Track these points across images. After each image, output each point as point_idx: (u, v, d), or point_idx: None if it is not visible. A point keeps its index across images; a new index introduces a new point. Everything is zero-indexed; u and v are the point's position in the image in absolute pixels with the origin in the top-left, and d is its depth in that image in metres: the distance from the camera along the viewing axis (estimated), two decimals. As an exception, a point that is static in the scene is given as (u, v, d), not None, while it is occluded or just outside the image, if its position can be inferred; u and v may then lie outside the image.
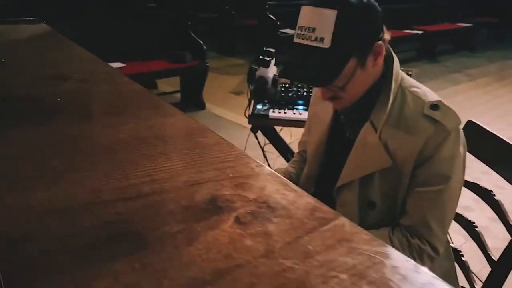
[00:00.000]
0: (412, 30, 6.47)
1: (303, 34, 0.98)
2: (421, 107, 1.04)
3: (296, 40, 1.00)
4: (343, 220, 0.40)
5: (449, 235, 1.38)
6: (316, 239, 0.37)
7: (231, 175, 0.47)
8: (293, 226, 0.39)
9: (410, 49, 6.94)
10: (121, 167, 0.47)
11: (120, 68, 3.77)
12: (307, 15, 0.98)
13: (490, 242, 1.31)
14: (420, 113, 1.03)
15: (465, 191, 1.29)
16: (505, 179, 1.22)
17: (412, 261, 0.35)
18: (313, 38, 0.97)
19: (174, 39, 4.35)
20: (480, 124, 1.35)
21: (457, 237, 1.34)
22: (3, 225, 0.36)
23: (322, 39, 0.95)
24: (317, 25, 0.96)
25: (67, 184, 0.43)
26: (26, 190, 0.41)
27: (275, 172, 0.47)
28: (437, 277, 0.33)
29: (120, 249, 0.35)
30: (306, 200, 0.43)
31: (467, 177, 1.21)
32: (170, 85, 4.73)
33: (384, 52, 1.03)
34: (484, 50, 7.81)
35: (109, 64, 3.23)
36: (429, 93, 1.09)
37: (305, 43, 0.98)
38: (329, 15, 0.94)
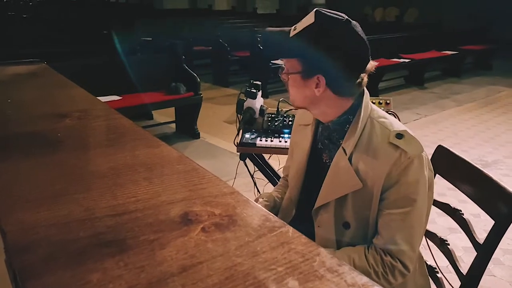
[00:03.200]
0: (399, 58, 6.68)
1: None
2: (387, 136, 1.15)
3: None
4: (288, 228, 0.50)
5: (432, 254, 1.47)
6: (263, 242, 0.47)
7: (202, 195, 0.57)
8: (247, 233, 0.49)
9: (398, 77, 7.14)
10: (110, 189, 0.57)
11: (116, 101, 3.89)
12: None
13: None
14: (387, 141, 1.14)
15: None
16: (466, 195, 1.33)
17: (336, 259, 0.45)
18: (295, 25, 1.15)
19: (169, 72, 4.51)
20: (448, 148, 1.47)
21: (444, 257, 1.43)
22: (16, 235, 0.46)
23: (295, 29, 1.14)
24: (303, 19, 1.14)
25: (67, 204, 0.53)
26: (34, 209, 0.51)
27: (238, 191, 0.58)
28: (353, 268, 0.43)
29: (108, 252, 0.45)
30: (261, 213, 0.54)
31: (435, 196, 1.31)
32: (165, 115, 4.87)
33: (321, 88, 1.15)
34: (471, 76, 8.05)
35: (106, 97, 3.36)
36: (395, 123, 1.20)
37: (291, 27, 1.17)
38: (309, 20, 1.12)
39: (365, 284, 0.41)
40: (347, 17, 1.13)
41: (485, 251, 1.22)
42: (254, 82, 2.12)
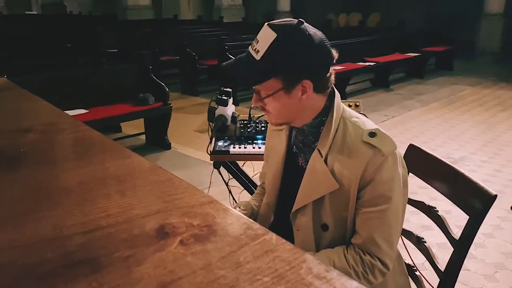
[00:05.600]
0: (365, 62, 6.82)
1: (253, 43, 1.14)
2: (360, 135, 1.16)
3: (249, 47, 1.15)
4: (271, 235, 0.48)
5: (408, 253, 1.47)
6: (247, 252, 0.45)
7: (178, 206, 0.54)
8: (229, 243, 0.46)
9: (364, 80, 7.28)
10: (80, 205, 0.53)
11: (82, 114, 3.79)
12: (261, 29, 1.13)
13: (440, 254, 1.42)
14: (360, 140, 1.15)
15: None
16: (440, 192, 1.35)
17: (323, 264, 0.43)
18: (254, 48, 1.12)
19: (136, 83, 4.43)
20: (419, 146, 1.49)
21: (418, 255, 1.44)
22: (-24, 261, 0.42)
23: (257, 51, 1.10)
24: (260, 39, 1.11)
25: (33, 223, 0.49)
26: (-4, 231, 0.47)
27: (216, 200, 0.55)
28: (341, 273, 0.41)
29: (80, 272, 0.41)
30: (242, 221, 0.51)
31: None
32: (134, 127, 4.77)
33: (310, 92, 1.15)
34: (434, 77, 8.31)
35: (72, 111, 3.25)
36: (367, 122, 1.21)
37: (249, 49, 1.13)
38: (270, 36, 1.09)
39: (356, 289, 0.39)
40: (297, 19, 1.14)
41: (461, 247, 1.23)
42: (225, 89, 2.10)
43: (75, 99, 3.90)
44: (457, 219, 2.09)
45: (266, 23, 1.12)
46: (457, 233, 1.30)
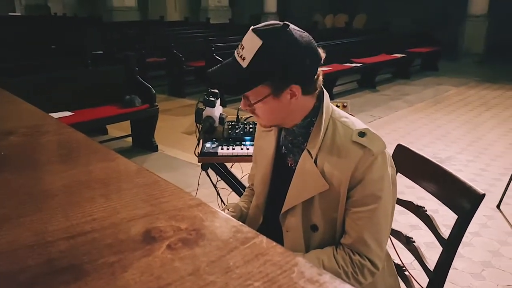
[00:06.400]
0: (351, 63, 6.86)
1: (238, 48, 1.11)
2: (350, 135, 1.15)
3: (235, 52, 1.13)
4: (261, 238, 0.47)
5: (397, 253, 1.48)
6: (237, 256, 0.43)
7: (165, 210, 0.53)
8: (218, 247, 0.45)
9: (351, 81, 7.33)
10: (63, 210, 0.52)
11: (67, 116, 3.73)
12: (246, 34, 1.11)
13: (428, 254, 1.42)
14: (350, 140, 1.15)
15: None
16: (429, 192, 1.35)
17: (315, 268, 0.42)
18: (239, 54, 1.10)
19: (122, 85, 4.38)
20: (407, 146, 1.49)
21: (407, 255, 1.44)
22: (-47, 270, 0.40)
23: (244, 58, 1.08)
24: (246, 45, 1.09)
25: (13, 229, 0.47)
26: (-26, 238, 0.45)
27: (204, 203, 0.54)
28: (334, 277, 0.40)
29: (63, 280, 0.40)
30: (231, 224, 0.50)
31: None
32: (120, 129, 4.72)
33: (299, 96, 1.14)
34: (419, 77, 8.39)
35: (57, 113, 3.19)
36: (356, 122, 1.21)
37: (235, 55, 1.11)
38: (255, 43, 1.07)
39: (349, 292, 0.38)
40: (282, 22, 1.11)
41: (450, 246, 1.23)
42: (212, 90, 2.09)
43: (59, 102, 3.84)
44: (444, 218, 2.10)
45: (251, 28, 1.10)
46: (445, 232, 1.30)
